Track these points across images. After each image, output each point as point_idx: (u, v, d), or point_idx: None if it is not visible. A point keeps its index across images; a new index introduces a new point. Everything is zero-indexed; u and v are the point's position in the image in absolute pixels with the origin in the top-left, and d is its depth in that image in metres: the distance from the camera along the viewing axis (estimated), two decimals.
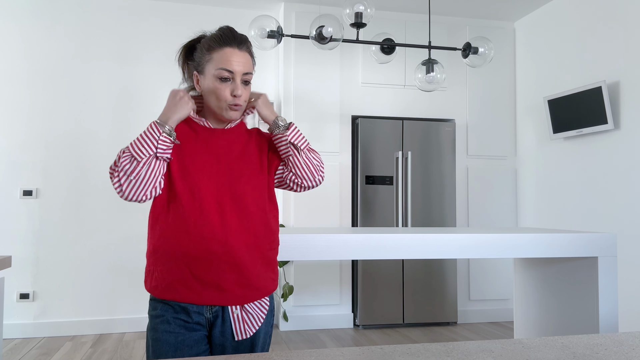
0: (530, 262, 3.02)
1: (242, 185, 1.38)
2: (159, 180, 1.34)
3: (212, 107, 1.39)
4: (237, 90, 1.35)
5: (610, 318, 2.47)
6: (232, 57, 1.35)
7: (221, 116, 1.40)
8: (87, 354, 3.54)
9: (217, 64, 1.35)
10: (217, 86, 1.36)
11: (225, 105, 1.37)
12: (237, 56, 1.36)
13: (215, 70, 1.35)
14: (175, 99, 1.37)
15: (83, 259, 4.10)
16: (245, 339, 1.39)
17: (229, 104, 1.36)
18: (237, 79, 1.36)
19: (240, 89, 1.36)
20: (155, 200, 1.38)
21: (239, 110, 1.39)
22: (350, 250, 2.21)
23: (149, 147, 1.31)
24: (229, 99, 1.36)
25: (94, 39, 4.22)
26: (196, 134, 1.41)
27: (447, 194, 4.52)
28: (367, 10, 2.92)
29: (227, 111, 1.37)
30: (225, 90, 1.36)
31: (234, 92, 1.35)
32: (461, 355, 0.89)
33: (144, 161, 1.30)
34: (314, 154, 1.49)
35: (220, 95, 1.36)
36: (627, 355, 0.90)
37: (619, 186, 3.60)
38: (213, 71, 1.36)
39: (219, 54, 1.36)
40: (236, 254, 1.35)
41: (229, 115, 1.38)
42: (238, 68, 1.36)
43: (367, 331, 4.21)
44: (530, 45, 4.60)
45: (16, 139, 4.05)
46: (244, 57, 1.37)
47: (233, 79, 1.36)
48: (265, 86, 4.57)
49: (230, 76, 1.35)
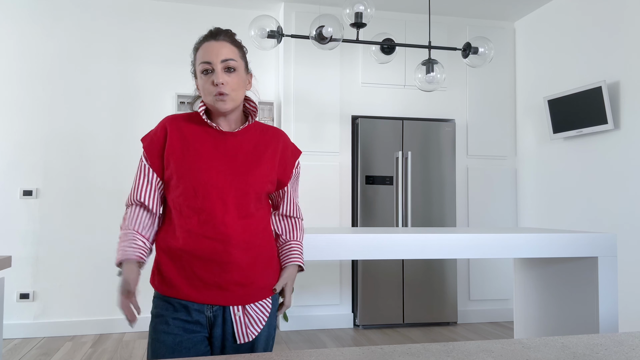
0: (530, 262, 3.02)
1: (247, 186, 1.38)
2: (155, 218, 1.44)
3: (207, 103, 1.41)
4: (217, 78, 1.35)
5: (610, 318, 2.47)
6: (208, 49, 1.38)
7: (216, 110, 1.40)
8: (87, 354, 3.54)
9: (198, 60, 1.39)
10: (201, 81, 1.39)
11: (211, 97, 1.37)
12: (214, 47, 1.38)
13: (199, 66, 1.39)
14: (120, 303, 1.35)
15: (83, 259, 4.10)
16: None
17: (213, 95, 1.37)
18: (217, 67, 1.36)
19: (220, 77, 1.36)
20: (161, 199, 1.43)
21: (226, 100, 1.37)
22: (350, 250, 2.21)
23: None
24: (212, 89, 1.37)
25: (93, 39, 4.22)
26: (206, 135, 1.41)
27: (447, 194, 4.52)
28: (367, 10, 2.92)
29: (216, 103, 1.38)
30: (207, 82, 1.38)
31: (214, 81, 1.36)
32: (461, 355, 0.89)
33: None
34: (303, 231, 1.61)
35: (205, 88, 1.38)
36: (627, 355, 0.90)
37: (619, 186, 3.60)
38: (198, 68, 1.40)
39: (200, 52, 1.40)
40: (238, 254, 1.36)
41: (219, 107, 1.38)
42: (214, 57, 1.37)
43: (367, 331, 4.21)
44: (530, 45, 4.60)
45: (16, 139, 4.05)
46: (222, 46, 1.38)
47: (213, 70, 1.37)
48: (265, 86, 4.57)
49: (210, 67, 1.37)
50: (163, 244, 1.38)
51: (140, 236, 1.39)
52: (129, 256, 1.35)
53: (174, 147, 1.39)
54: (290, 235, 1.54)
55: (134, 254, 1.35)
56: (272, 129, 1.50)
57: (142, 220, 1.40)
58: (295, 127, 4.30)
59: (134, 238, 1.37)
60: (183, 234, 1.35)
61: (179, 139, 1.40)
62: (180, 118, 1.45)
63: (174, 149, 1.39)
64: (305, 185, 4.30)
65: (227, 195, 1.36)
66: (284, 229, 1.54)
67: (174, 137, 1.40)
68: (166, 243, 1.37)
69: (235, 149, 1.41)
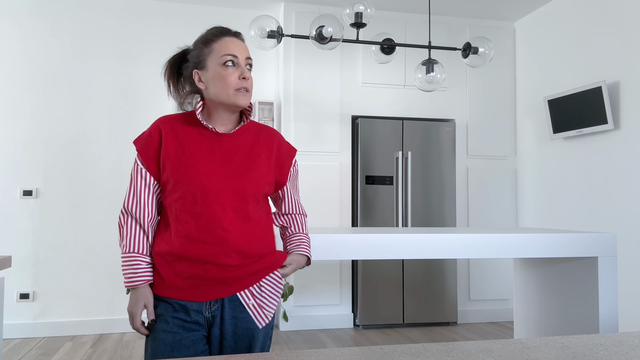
0: (530, 262, 3.02)
1: (245, 189, 1.38)
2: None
3: (221, 97, 1.37)
4: (245, 72, 1.37)
5: (610, 318, 2.47)
6: (233, 44, 1.38)
7: (231, 105, 1.38)
8: (87, 354, 3.54)
9: (220, 52, 1.37)
10: (223, 73, 1.36)
11: (232, 92, 1.36)
12: (237, 43, 1.39)
13: (219, 58, 1.36)
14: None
15: (83, 259, 4.10)
16: (244, 339, 1.39)
17: (236, 89, 1.36)
18: (242, 63, 1.38)
19: (247, 72, 1.38)
20: (158, 203, 1.42)
21: (247, 96, 1.38)
22: (350, 250, 2.21)
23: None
24: (237, 82, 1.36)
25: (94, 39, 4.22)
26: (202, 137, 1.40)
27: (447, 194, 4.52)
28: (367, 10, 2.92)
29: (237, 96, 1.36)
30: (232, 75, 1.36)
31: (242, 75, 1.36)
32: (461, 355, 0.89)
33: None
34: (306, 224, 1.62)
35: (228, 80, 1.36)
36: (627, 355, 0.90)
37: (619, 186, 3.60)
38: (217, 60, 1.36)
39: (219, 44, 1.38)
40: (237, 257, 1.36)
41: (239, 101, 1.37)
42: (241, 53, 1.38)
43: (367, 331, 4.21)
44: (530, 45, 4.60)
45: (16, 139, 4.05)
46: (243, 45, 1.41)
47: (238, 64, 1.37)
48: (265, 86, 4.57)
49: (235, 60, 1.37)
50: (159, 248, 1.37)
51: (141, 257, 1.37)
52: (135, 284, 1.36)
53: (169, 149, 1.37)
54: (297, 229, 1.56)
55: (139, 281, 1.36)
56: (266, 128, 1.50)
57: (139, 240, 1.38)
58: (295, 127, 4.30)
59: (137, 262, 1.37)
60: (180, 239, 1.34)
61: (174, 141, 1.38)
62: (174, 119, 1.42)
63: (170, 152, 1.37)
64: (305, 186, 4.29)
65: (225, 199, 1.35)
66: (290, 223, 1.57)
67: (169, 139, 1.38)
68: (163, 248, 1.37)
69: (231, 152, 1.40)
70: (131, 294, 1.37)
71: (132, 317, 1.36)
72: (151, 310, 1.37)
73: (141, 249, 1.38)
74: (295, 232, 1.55)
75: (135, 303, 1.36)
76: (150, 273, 1.37)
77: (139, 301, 1.36)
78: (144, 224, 1.39)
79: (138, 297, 1.36)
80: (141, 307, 1.36)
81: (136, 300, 1.36)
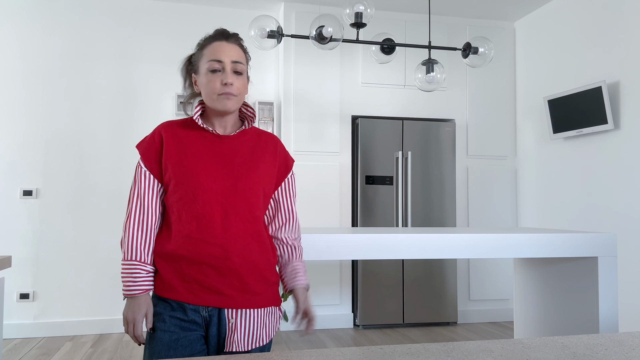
0: (530, 262, 3.02)
1: (245, 190, 1.38)
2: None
3: (207, 102, 1.40)
4: (226, 78, 1.37)
5: (610, 318, 2.47)
6: (219, 49, 1.39)
7: (217, 110, 1.40)
8: (87, 354, 3.54)
9: (207, 58, 1.39)
10: (208, 79, 1.39)
11: (215, 96, 1.38)
12: (225, 47, 1.40)
13: (206, 64, 1.39)
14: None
15: (83, 259, 4.10)
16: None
17: (218, 94, 1.38)
18: (227, 68, 1.39)
19: (230, 77, 1.38)
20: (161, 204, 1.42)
21: (232, 100, 1.39)
22: (350, 250, 2.21)
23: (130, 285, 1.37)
24: (219, 88, 1.38)
25: (93, 38, 4.22)
26: (203, 139, 1.41)
27: (447, 194, 4.52)
28: (367, 10, 2.92)
29: (220, 101, 1.38)
30: (215, 81, 1.38)
31: (223, 81, 1.37)
32: (461, 355, 0.89)
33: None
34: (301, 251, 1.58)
35: (211, 86, 1.38)
36: (627, 355, 0.90)
37: (619, 186, 3.60)
38: (205, 65, 1.40)
39: (208, 49, 1.41)
40: (237, 259, 1.36)
41: (223, 105, 1.38)
42: (226, 58, 1.39)
43: (367, 331, 4.21)
44: (530, 45, 4.60)
45: (16, 139, 4.05)
46: (233, 48, 1.41)
47: (223, 69, 1.38)
48: (265, 86, 4.57)
49: (220, 66, 1.38)
50: (160, 249, 1.38)
51: (141, 266, 1.37)
52: (133, 293, 1.35)
53: (170, 150, 1.39)
54: (291, 258, 1.52)
55: (137, 290, 1.35)
56: (266, 133, 1.52)
57: (141, 247, 1.37)
58: (295, 127, 4.30)
59: (137, 270, 1.36)
60: (181, 239, 1.35)
61: (175, 143, 1.39)
62: (174, 124, 1.45)
63: (171, 153, 1.38)
64: (305, 186, 4.29)
65: (226, 199, 1.36)
66: (285, 252, 1.52)
67: (170, 141, 1.40)
68: (163, 248, 1.37)
69: (232, 152, 1.41)
70: (130, 301, 1.36)
71: (133, 324, 1.35)
72: (151, 319, 1.36)
73: (142, 257, 1.37)
74: (289, 261, 1.52)
75: (137, 310, 1.34)
76: (149, 282, 1.36)
77: (142, 308, 1.35)
78: (147, 227, 1.38)
79: (140, 304, 1.35)
80: (143, 314, 1.35)
81: (138, 308, 1.34)
